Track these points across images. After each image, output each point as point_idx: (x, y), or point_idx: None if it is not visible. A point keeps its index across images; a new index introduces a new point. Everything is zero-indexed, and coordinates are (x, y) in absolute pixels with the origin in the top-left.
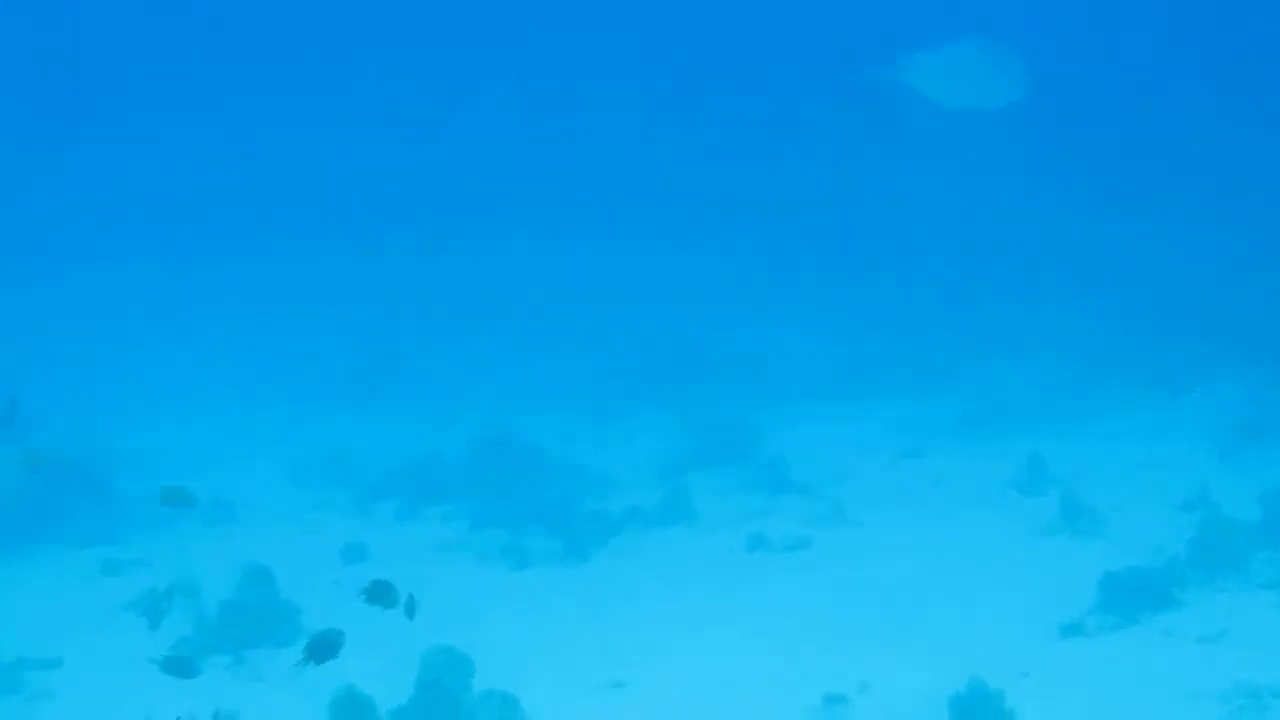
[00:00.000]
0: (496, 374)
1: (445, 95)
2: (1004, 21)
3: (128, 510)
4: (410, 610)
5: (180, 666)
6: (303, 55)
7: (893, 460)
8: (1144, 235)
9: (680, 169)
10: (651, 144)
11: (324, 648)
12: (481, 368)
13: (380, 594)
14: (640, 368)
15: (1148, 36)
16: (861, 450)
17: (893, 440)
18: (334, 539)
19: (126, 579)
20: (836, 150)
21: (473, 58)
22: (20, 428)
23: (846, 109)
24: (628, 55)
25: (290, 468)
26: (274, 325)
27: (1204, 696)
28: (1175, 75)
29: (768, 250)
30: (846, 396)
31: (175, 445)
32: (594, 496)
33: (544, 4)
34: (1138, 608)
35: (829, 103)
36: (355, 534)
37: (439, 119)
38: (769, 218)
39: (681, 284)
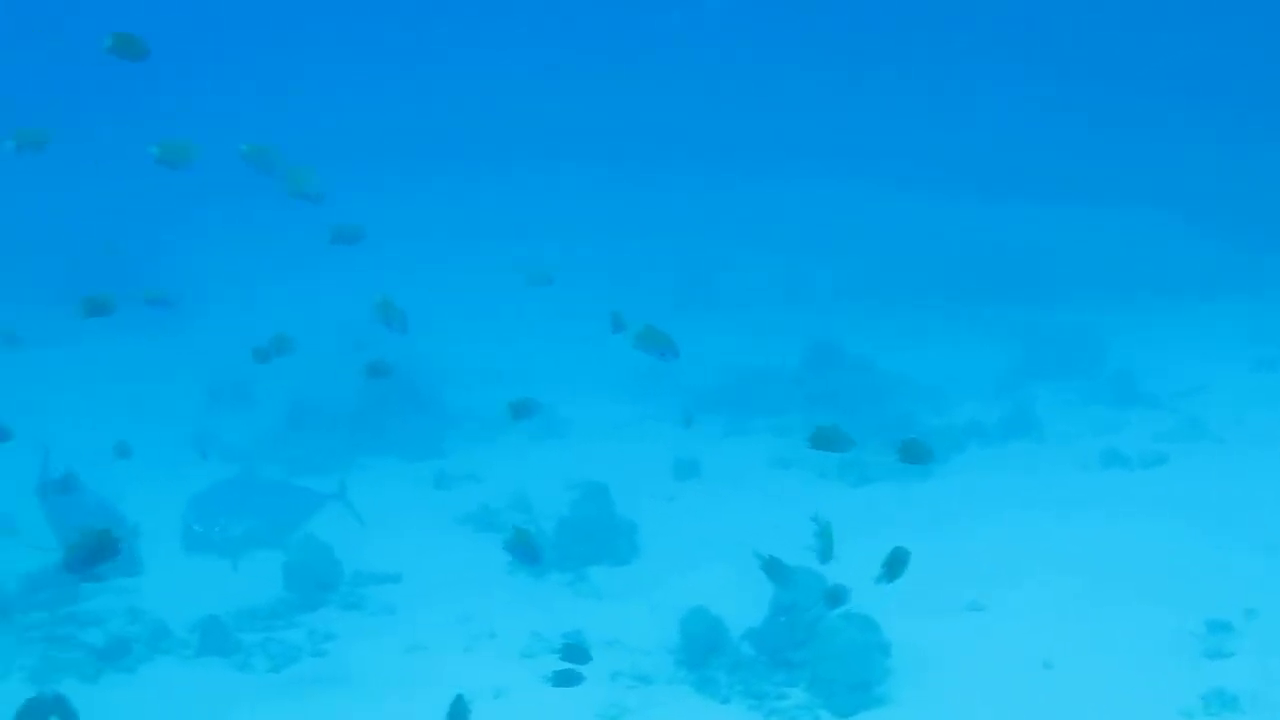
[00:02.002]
0: (815, 285)
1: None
2: None
3: (457, 424)
4: None
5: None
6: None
7: (1250, 369)
8: None
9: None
10: None
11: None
12: (799, 280)
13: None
14: (959, 277)
15: None
16: (1214, 358)
17: (1247, 347)
18: (663, 454)
19: (458, 493)
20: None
21: None
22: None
23: None
24: None
25: (611, 382)
26: (593, 243)
27: None
28: None
29: (1104, 150)
30: (1193, 300)
31: (498, 362)
32: (930, 410)
33: None
34: None
35: None
36: (684, 449)
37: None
38: (1107, 111)
39: (1008, 186)
